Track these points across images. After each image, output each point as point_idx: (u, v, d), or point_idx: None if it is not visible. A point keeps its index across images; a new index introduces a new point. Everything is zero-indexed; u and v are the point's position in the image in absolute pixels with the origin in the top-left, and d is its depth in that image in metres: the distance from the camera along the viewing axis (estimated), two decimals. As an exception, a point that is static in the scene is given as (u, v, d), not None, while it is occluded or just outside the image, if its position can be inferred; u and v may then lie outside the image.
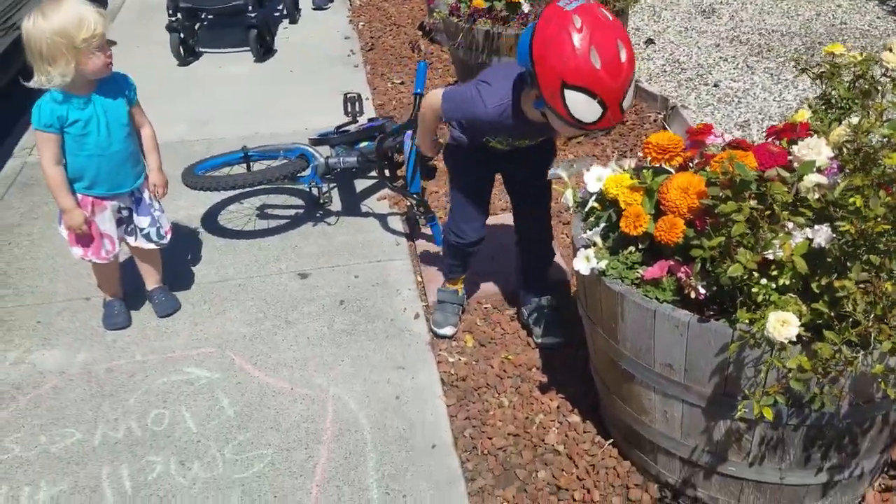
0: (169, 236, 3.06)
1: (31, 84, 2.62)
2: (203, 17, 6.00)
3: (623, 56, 2.10)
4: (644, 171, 2.23)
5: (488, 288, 3.19)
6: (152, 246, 3.03)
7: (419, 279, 3.30)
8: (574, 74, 2.07)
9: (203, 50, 5.76)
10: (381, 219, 3.71)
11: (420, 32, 6.00)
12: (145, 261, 3.11)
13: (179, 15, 5.49)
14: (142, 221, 2.98)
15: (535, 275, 2.96)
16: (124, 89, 2.82)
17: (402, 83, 5.17)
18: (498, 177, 2.91)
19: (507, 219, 3.54)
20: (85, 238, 2.87)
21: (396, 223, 3.68)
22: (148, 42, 5.92)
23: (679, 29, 5.50)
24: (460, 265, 3.02)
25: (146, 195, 2.96)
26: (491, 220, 3.14)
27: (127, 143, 2.83)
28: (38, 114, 2.68)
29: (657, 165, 2.24)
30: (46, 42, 2.50)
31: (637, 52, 4.88)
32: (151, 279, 3.14)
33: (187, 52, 5.59)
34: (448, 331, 2.98)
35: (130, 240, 3.00)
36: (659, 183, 2.16)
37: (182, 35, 5.51)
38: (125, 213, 2.94)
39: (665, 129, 4.23)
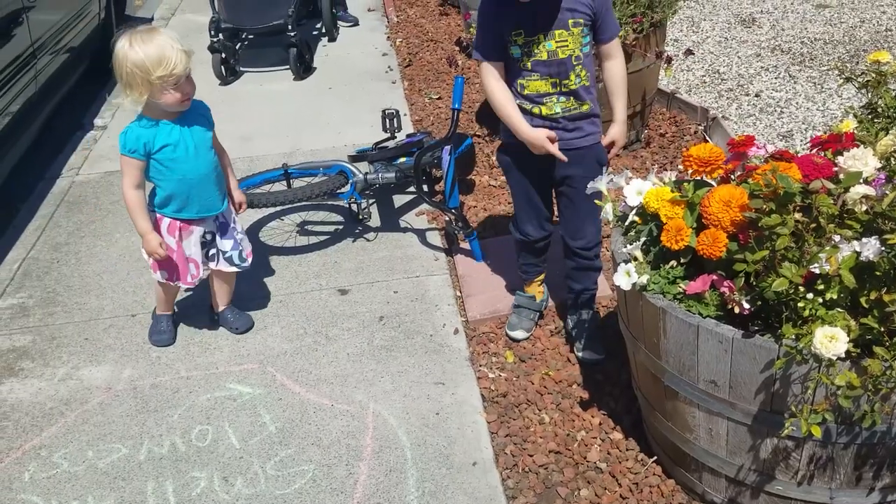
0: (250, 259, 3.07)
1: (120, 101, 2.73)
2: (244, 36, 6.10)
3: None
4: (685, 184, 2.20)
5: (499, 307, 3.17)
6: (234, 269, 3.04)
7: (458, 294, 3.29)
8: None
9: (244, 69, 5.85)
10: (420, 234, 3.72)
11: (457, 48, 6.03)
12: (222, 283, 3.11)
13: (221, 35, 5.59)
14: (225, 245, 2.99)
15: (580, 288, 2.94)
16: (205, 114, 2.90)
17: (439, 98, 5.19)
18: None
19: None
20: (168, 262, 2.88)
21: (435, 238, 3.68)
22: (191, 62, 6.03)
23: (718, 39, 5.44)
24: (533, 263, 3.02)
25: (230, 218, 2.99)
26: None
27: (214, 166, 2.89)
28: (123, 139, 2.73)
29: (698, 178, 2.21)
30: (126, 70, 2.59)
31: (677, 63, 4.84)
32: (224, 300, 3.15)
33: (228, 72, 5.68)
34: (519, 334, 2.99)
35: (212, 264, 3.00)
36: (700, 196, 2.14)
37: (223, 55, 5.60)
38: (209, 237, 2.95)
39: (706, 141, 4.18)
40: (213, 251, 2.99)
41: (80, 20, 5.26)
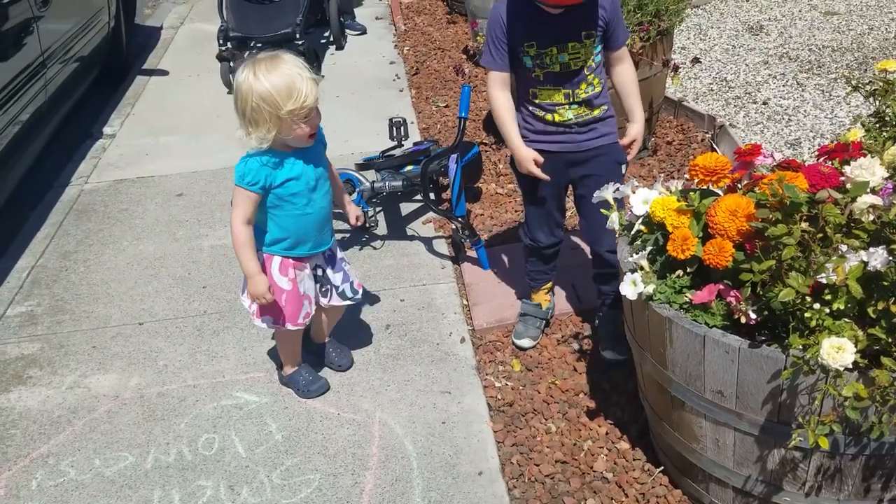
0: (361, 290, 2.85)
1: (237, 136, 2.43)
2: (252, 45, 6.12)
3: None
4: (691, 193, 2.20)
5: (505, 316, 3.16)
6: (347, 303, 2.82)
7: (465, 303, 3.29)
8: None
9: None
10: (427, 242, 3.73)
11: (464, 56, 6.04)
12: (331, 317, 2.92)
13: (229, 44, 5.61)
14: (336, 278, 2.76)
15: (608, 290, 2.91)
16: (322, 139, 2.63)
17: (446, 106, 5.20)
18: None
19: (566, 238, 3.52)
20: (273, 306, 2.60)
21: (442, 246, 3.68)
22: (199, 70, 6.07)
23: (726, 47, 5.43)
24: (541, 271, 3.02)
25: (336, 250, 2.78)
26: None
27: (328, 198, 2.64)
28: (243, 170, 2.43)
29: (704, 187, 2.21)
30: (252, 104, 2.31)
31: (684, 71, 4.82)
32: (328, 332, 2.97)
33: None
34: (525, 343, 3.00)
35: (324, 300, 2.78)
36: (707, 205, 2.13)
37: (232, 64, 5.63)
38: (319, 271, 2.73)
39: (713, 149, 4.17)
40: (326, 287, 2.75)
41: (89, 29, 5.30)
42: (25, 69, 4.26)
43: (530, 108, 2.67)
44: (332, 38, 6.55)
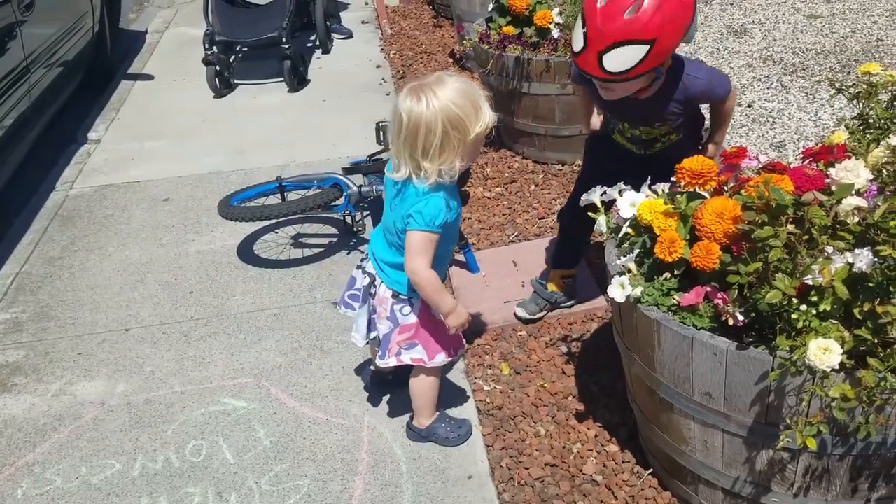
0: None
1: (395, 177, 2.17)
2: (238, 49, 6.11)
3: (598, 3, 2.21)
4: (678, 196, 2.21)
5: (495, 319, 3.16)
6: None
7: (453, 306, 3.29)
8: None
9: (238, 81, 5.86)
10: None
11: (451, 60, 6.05)
12: None
13: (215, 48, 5.59)
14: None
15: None
16: None
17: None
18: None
19: (517, 249, 3.53)
20: (439, 342, 2.41)
21: (430, 250, 3.68)
22: (185, 74, 6.04)
23: (711, 50, 5.47)
24: (562, 251, 3.04)
25: None
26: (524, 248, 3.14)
27: None
28: (433, 213, 2.14)
29: (691, 190, 2.22)
30: (440, 131, 2.04)
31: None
32: None
33: (223, 84, 5.69)
34: (520, 312, 3.07)
35: None
36: (693, 208, 2.14)
37: (218, 68, 5.61)
38: None
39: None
40: None
41: (74, 34, 5.27)
42: (9, 74, 4.22)
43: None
44: (318, 42, 6.55)
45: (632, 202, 2.29)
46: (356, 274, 2.48)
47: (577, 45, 2.25)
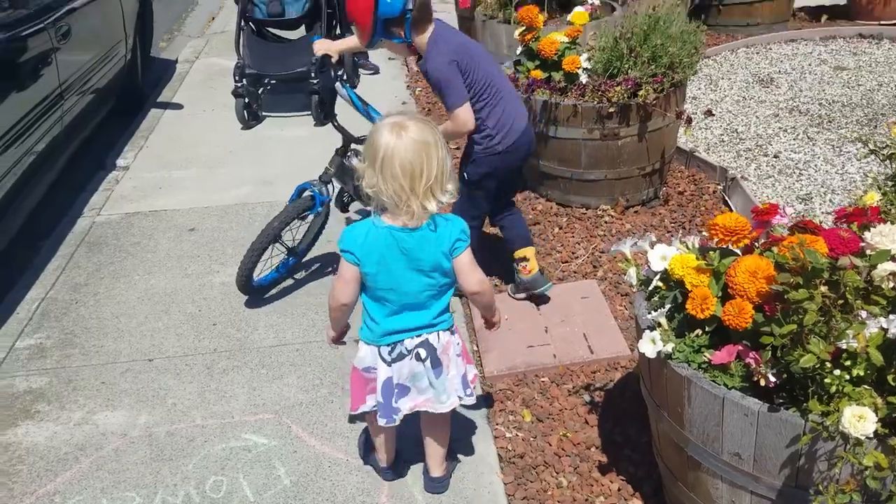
0: None
1: (413, 223, 2.14)
2: (266, 82, 6.19)
3: None
4: (710, 252, 2.21)
5: (546, 360, 3.16)
6: None
7: (475, 349, 3.28)
8: None
9: (266, 114, 5.92)
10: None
11: (476, 98, 6.10)
12: None
13: (245, 81, 5.67)
14: None
15: None
16: None
17: (457, 148, 5.23)
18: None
19: (577, 286, 3.53)
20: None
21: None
22: (214, 105, 6.12)
23: (737, 98, 5.49)
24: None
25: None
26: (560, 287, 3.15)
27: None
28: (463, 224, 2.24)
29: (724, 247, 2.22)
30: (436, 159, 2.11)
31: (695, 121, 4.86)
32: None
33: (251, 116, 5.75)
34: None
35: None
36: (726, 265, 2.14)
37: (247, 100, 5.68)
38: None
39: (725, 201, 4.19)
40: None
41: (107, 61, 5.35)
42: (44, 100, 4.29)
43: None
44: (345, 77, 6.62)
45: (662, 255, 2.29)
46: (388, 372, 2.31)
47: None
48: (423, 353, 2.28)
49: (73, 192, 4.80)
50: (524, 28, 4.27)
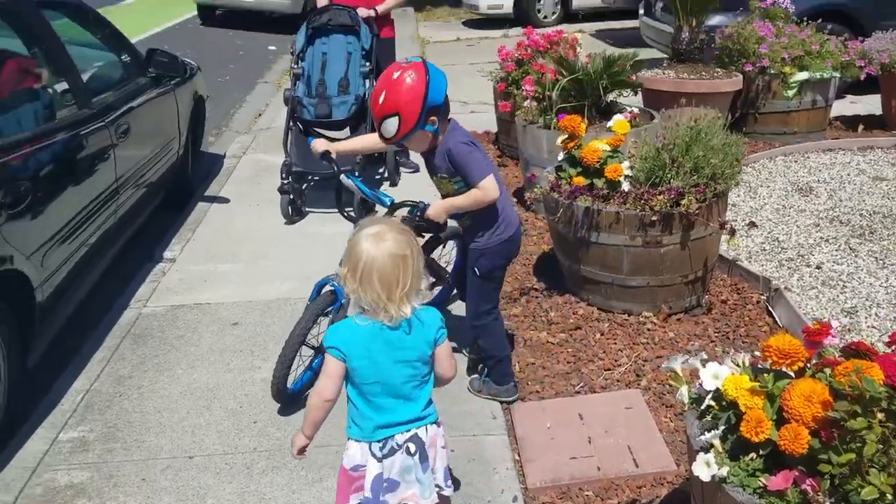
0: None
1: (397, 320, 2.28)
2: (310, 179, 6.36)
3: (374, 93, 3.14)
4: (764, 375, 2.20)
5: (590, 472, 3.09)
6: None
7: (517, 458, 3.24)
8: None
9: (308, 209, 6.07)
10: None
11: (515, 199, 6.20)
12: None
13: (291, 178, 5.84)
14: None
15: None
16: None
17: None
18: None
19: (620, 395, 3.50)
20: None
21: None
22: (259, 200, 6.28)
23: (776, 207, 5.52)
24: None
25: None
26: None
27: None
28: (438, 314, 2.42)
29: (777, 369, 2.21)
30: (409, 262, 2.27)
31: (739, 231, 4.84)
32: None
33: (294, 212, 5.89)
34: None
35: None
36: (780, 388, 2.13)
37: (291, 196, 5.84)
38: None
39: (769, 312, 4.16)
40: None
41: (162, 157, 5.56)
42: (101, 195, 4.45)
43: None
44: (386, 175, 6.79)
45: (715, 374, 2.29)
46: (379, 468, 2.36)
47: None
48: (412, 447, 2.36)
49: (122, 283, 4.91)
50: (566, 136, 4.38)
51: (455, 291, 4.16)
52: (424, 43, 13.56)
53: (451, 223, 3.62)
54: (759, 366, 2.30)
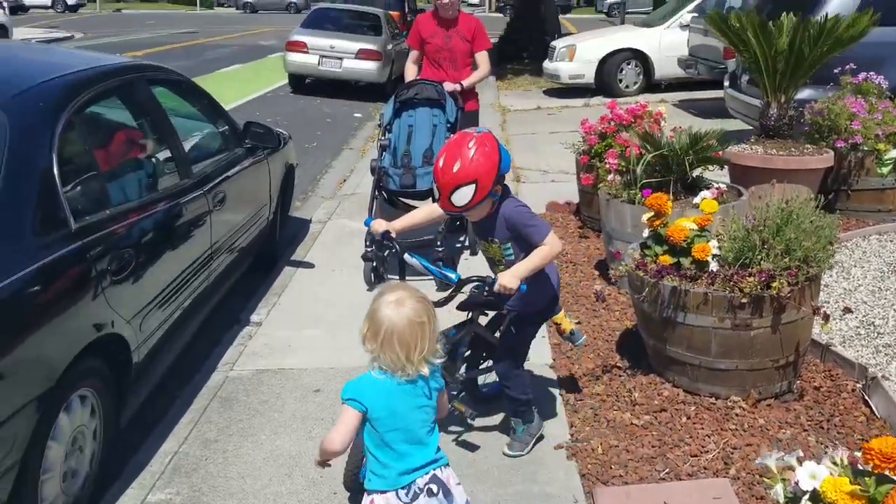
0: None
1: (425, 372, 2.60)
2: (391, 246, 6.46)
3: (440, 162, 3.25)
4: (865, 477, 2.11)
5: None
6: None
7: (599, 545, 3.16)
8: None
9: (391, 276, 6.16)
10: (556, 465, 3.65)
11: (596, 272, 6.16)
12: None
13: (374, 246, 5.96)
14: None
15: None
16: None
17: (578, 323, 5.24)
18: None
19: (708, 484, 3.39)
20: None
21: (573, 473, 3.59)
22: (343, 266, 6.41)
23: (871, 289, 5.32)
24: None
25: None
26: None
27: None
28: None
29: (880, 473, 2.11)
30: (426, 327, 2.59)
31: (832, 315, 4.67)
32: None
33: (377, 279, 5.99)
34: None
35: None
36: (883, 493, 2.04)
37: (374, 263, 5.95)
38: None
39: (865, 402, 3.99)
40: None
41: (253, 223, 5.77)
42: (196, 260, 4.64)
43: None
44: (467, 244, 6.86)
45: (812, 474, 2.21)
46: None
47: (436, 194, 3.30)
48: (434, 488, 2.57)
49: (210, 345, 5.06)
50: (653, 214, 4.36)
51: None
52: (505, 111, 13.79)
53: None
54: (860, 467, 2.21)
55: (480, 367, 4.06)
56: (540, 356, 4.72)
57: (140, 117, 4.76)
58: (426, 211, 3.80)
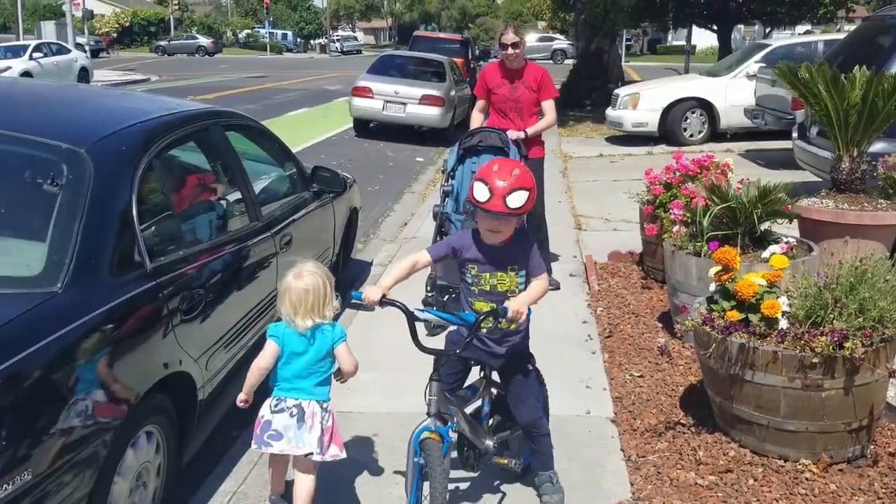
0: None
1: (306, 328, 3.43)
2: (452, 292, 6.49)
3: (494, 167, 3.37)
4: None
5: None
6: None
7: None
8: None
9: (438, 328, 6.15)
10: None
11: (660, 324, 6.06)
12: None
13: (434, 291, 5.99)
14: None
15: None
16: None
17: (640, 376, 5.15)
18: None
19: None
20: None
21: (635, 536, 3.51)
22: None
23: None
24: None
25: None
26: None
27: None
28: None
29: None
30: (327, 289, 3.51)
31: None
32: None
33: (437, 325, 6.00)
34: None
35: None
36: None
37: (434, 307, 5.96)
38: None
39: (946, 471, 3.81)
40: None
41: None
42: (261, 301, 4.72)
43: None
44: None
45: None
46: (270, 417, 3.48)
47: (483, 196, 3.30)
48: (294, 411, 3.42)
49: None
50: (720, 268, 4.28)
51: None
52: (567, 158, 13.82)
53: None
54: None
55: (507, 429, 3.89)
56: (601, 409, 4.65)
57: (214, 161, 4.92)
58: (409, 262, 3.64)
